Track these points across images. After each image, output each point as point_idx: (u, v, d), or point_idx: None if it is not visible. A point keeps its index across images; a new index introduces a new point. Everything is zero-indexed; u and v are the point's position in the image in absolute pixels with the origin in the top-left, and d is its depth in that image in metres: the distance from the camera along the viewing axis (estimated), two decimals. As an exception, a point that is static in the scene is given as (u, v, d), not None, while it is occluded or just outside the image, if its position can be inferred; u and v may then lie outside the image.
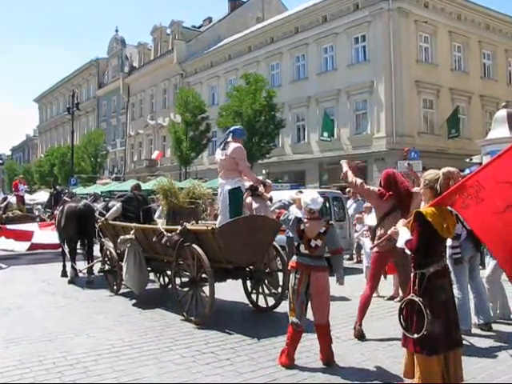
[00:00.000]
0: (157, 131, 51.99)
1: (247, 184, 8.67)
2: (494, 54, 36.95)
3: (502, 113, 19.82)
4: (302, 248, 5.73)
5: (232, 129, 8.51)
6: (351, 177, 7.13)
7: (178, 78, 49.34)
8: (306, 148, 35.81)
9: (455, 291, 6.96)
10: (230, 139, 8.23)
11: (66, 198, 13.43)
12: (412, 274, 4.84)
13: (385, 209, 6.92)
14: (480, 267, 7.87)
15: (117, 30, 63.58)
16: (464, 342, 6.38)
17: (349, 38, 33.78)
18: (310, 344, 6.26)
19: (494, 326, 7.23)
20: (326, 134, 32.89)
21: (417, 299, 4.62)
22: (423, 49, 33.16)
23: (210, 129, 37.59)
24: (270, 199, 8.65)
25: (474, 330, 7.05)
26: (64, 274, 12.60)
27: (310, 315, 5.86)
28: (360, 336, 6.84)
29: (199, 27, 56.33)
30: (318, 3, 36.19)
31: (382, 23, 31.61)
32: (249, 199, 8.79)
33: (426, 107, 32.88)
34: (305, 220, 5.85)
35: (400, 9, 31.54)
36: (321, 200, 5.90)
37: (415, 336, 4.57)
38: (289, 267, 5.98)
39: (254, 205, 8.66)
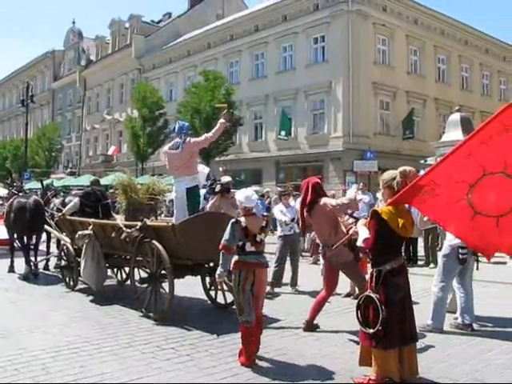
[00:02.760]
0: (113, 126, 51.37)
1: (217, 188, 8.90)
2: (448, 59, 37.85)
3: (455, 116, 20.42)
4: (248, 246, 5.77)
5: (185, 130, 8.41)
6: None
7: (135, 73, 48.87)
8: (263, 146, 36.00)
9: (436, 289, 7.19)
10: (187, 139, 8.23)
11: (14, 191, 13.16)
12: (370, 271, 5.00)
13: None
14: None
15: (74, 22, 62.74)
16: (432, 338, 6.64)
17: (308, 38, 34.10)
18: (267, 340, 6.33)
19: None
20: (283, 133, 33.06)
21: (373, 295, 4.78)
22: (381, 51, 33.71)
23: (167, 125, 37.31)
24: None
25: (448, 329, 7.20)
26: (11, 269, 12.32)
27: (272, 311, 5.91)
28: (310, 329, 7.00)
29: (158, 22, 55.93)
30: (278, 2, 36.40)
31: (342, 24, 32.01)
32: (215, 199, 8.98)
33: (382, 108, 33.46)
34: (243, 218, 5.89)
35: (359, 11, 31.99)
36: (255, 197, 6.03)
37: (370, 331, 4.73)
38: (232, 267, 5.95)
39: (222, 205, 8.93)
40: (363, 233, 5.05)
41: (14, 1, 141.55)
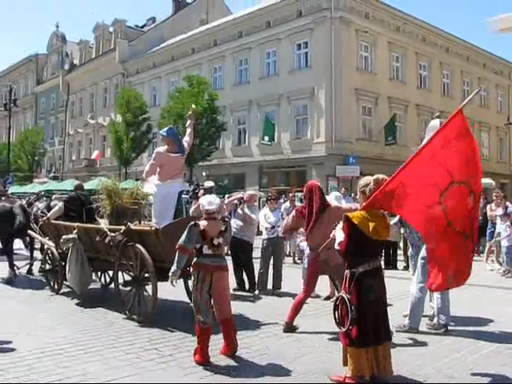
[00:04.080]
0: (97, 131, 51.34)
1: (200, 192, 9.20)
2: (429, 66, 38.42)
3: (434, 122, 20.48)
4: (205, 249, 5.95)
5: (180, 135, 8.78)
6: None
7: (119, 78, 48.93)
8: (246, 151, 36.23)
9: (414, 290, 7.43)
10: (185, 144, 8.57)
11: None
12: (345, 273, 5.23)
13: (308, 223, 7.44)
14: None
15: (57, 26, 62.46)
16: (407, 338, 6.88)
17: (291, 44, 34.45)
18: (249, 341, 6.52)
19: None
20: (266, 138, 33.35)
21: (345, 296, 5.02)
22: (363, 57, 34.16)
23: (151, 130, 37.47)
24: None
25: (424, 329, 7.44)
26: None
27: (255, 313, 6.07)
28: (289, 329, 7.22)
29: (142, 27, 56.00)
30: (262, 8, 36.80)
31: (325, 31, 32.40)
32: (198, 203, 9.19)
33: (364, 114, 33.85)
34: (203, 221, 6.09)
35: (342, 18, 32.38)
36: (217, 202, 6.25)
37: (343, 330, 4.97)
38: (190, 269, 6.19)
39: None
40: (339, 236, 5.27)
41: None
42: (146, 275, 7.88)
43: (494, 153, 44.04)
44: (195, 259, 6.04)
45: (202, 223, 6.02)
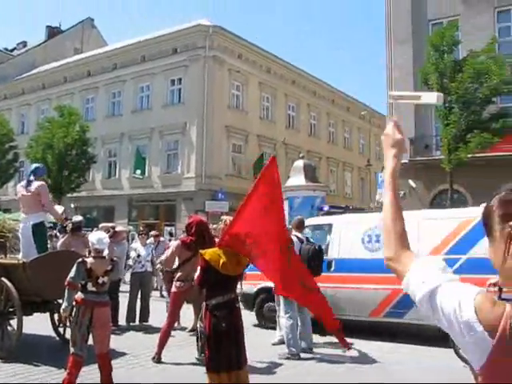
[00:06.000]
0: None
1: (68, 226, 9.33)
2: (297, 107, 40.29)
3: (299, 163, 22.27)
4: (90, 286, 6.13)
5: (34, 168, 8.88)
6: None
7: (-15, 103, 46.80)
8: (116, 184, 35.91)
9: (284, 320, 8.17)
10: (32, 178, 8.57)
11: None
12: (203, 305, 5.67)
13: (186, 255, 7.85)
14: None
15: None
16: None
17: (166, 79, 34.82)
18: (115, 372, 6.70)
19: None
20: (138, 172, 33.25)
21: (198, 326, 5.43)
22: (235, 96, 35.19)
23: (17, 158, 36.05)
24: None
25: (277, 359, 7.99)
26: None
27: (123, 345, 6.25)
28: (157, 360, 7.64)
29: (12, 50, 54.04)
30: (137, 42, 36.88)
31: (198, 69, 33.11)
32: (66, 237, 9.52)
33: (234, 151, 34.77)
34: (90, 258, 6.28)
35: (215, 57, 33.31)
36: (106, 240, 6.47)
37: (197, 357, 5.35)
38: (74, 303, 6.35)
39: (72, 243, 9.29)
40: (197, 271, 5.74)
41: None
42: (11, 309, 7.83)
43: (356, 191, 46.74)
44: (79, 294, 6.15)
45: (90, 261, 6.17)
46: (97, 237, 6.39)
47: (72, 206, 33.55)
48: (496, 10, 24.67)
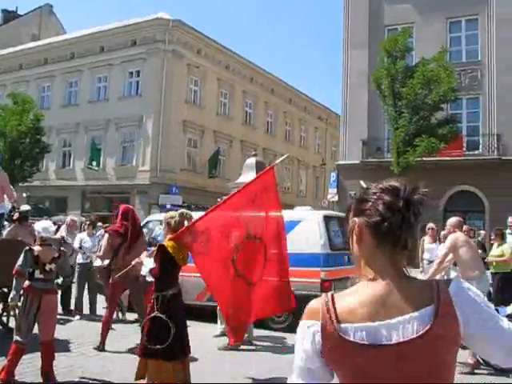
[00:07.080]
0: None
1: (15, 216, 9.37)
2: (255, 104, 40.68)
3: (251, 160, 22.24)
4: (37, 273, 6.25)
5: None
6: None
7: None
8: (70, 174, 35.63)
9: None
10: None
11: None
12: (154, 296, 5.78)
13: (117, 243, 8.07)
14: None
15: None
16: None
17: (124, 71, 34.74)
18: (57, 360, 6.85)
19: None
20: (94, 163, 33.09)
21: (162, 316, 5.60)
22: (193, 91, 35.34)
23: (-32, 145, 35.38)
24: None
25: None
26: None
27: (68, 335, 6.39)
28: (99, 349, 7.85)
29: (-36, 34, 52.65)
30: (96, 32, 36.62)
31: (157, 62, 33.12)
32: (12, 227, 9.52)
33: (190, 146, 34.92)
34: (37, 246, 6.41)
35: (174, 51, 33.36)
36: (52, 229, 6.68)
37: (158, 346, 5.48)
38: (22, 291, 6.45)
39: (19, 233, 9.27)
40: (149, 263, 5.94)
41: None
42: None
43: (310, 189, 47.42)
44: (26, 282, 6.25)
45: (37, 248, 6.29)
46: (43, 225, 6.57)
47: (24, 195, 33.01)
48: (448, 20, 25.53)
